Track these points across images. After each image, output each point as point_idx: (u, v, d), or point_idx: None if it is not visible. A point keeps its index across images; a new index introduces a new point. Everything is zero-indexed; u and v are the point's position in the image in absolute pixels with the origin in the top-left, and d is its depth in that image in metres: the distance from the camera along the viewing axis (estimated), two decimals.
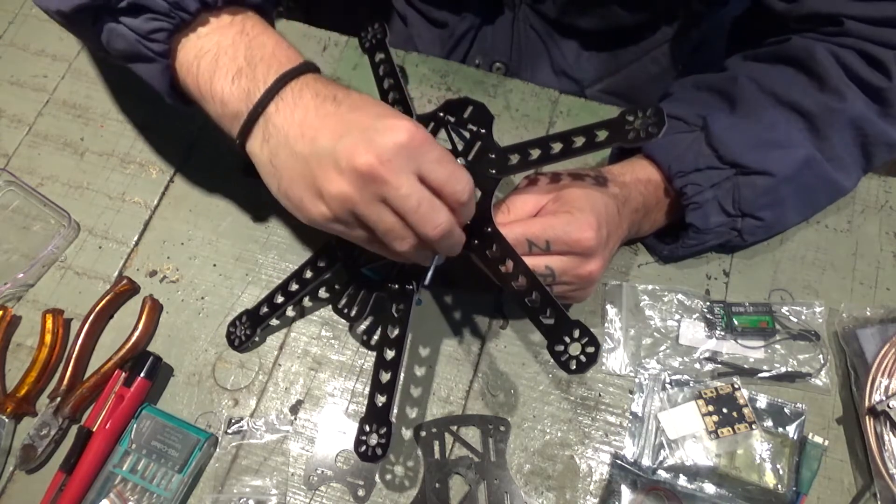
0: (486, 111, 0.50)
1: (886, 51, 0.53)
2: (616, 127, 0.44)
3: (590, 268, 0.49)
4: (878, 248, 0.62)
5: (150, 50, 0.46)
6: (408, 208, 0.40)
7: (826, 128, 0.54)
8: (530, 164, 0.47)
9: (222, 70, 0.45)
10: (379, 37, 0.57)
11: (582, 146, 0.45)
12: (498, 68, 0.77)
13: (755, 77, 0.56)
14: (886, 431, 0.52)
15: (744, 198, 0.54)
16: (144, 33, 0.45)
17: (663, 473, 0.53)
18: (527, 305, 0.44)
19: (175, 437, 0.53)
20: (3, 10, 0.73)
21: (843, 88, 0.53)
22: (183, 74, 0.47)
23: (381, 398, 0.46)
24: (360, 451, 0.45)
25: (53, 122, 0.67)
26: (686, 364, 0.57)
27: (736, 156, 0.53)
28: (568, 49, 0.76)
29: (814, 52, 0.54)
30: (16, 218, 0.63)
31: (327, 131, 0.41)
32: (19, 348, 0.58)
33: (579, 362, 0.40)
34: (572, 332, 0.41)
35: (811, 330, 0.57)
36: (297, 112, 0.43)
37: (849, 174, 0.57)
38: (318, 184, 0.41)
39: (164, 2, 0.44)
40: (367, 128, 0.40)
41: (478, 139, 0.49)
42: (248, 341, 0.57)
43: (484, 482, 0.53)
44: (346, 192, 0.40)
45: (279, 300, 0.55)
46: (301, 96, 0.43)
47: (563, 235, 0.47)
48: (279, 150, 0.43)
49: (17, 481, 0.54)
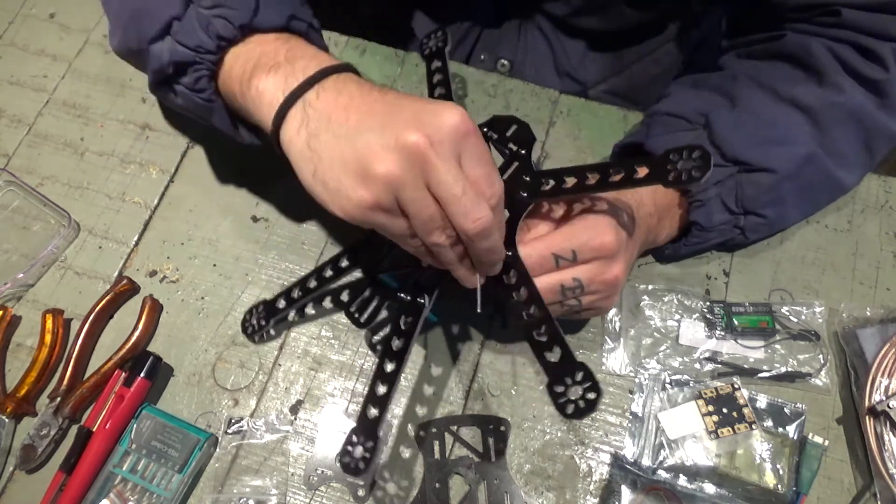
0: (529, 132, 0.50)
1: (882, 43, 0.53)
2: (658, 166, 0.42)
3: (615, 271, 0.48)
4: (878, 248, 0.62)
5: (203, 99, 0.49)
6: (451, 195, 0.38)
7: (827, 122, 0.54)
8: (564, 191, 0.45)
9: (261, 67, 0.45)
10: (440, 45, 0.57)
11: (619, 181, 0.43)
12: (503, 65, 0.77)
13: (754, 74, 0.56)
14: (886, 431, 0.52)
15: (747, 195, 0.54)
16: (191, 86, 0.48)
17: (663, 473, 0.53)
18: (533, 338, 0.42)
19: (175, 437, 0.53)
20: (3, 10, 0.73)
21: (842, 82, 0.54)
22: (230, 89, 0.48)
23: (374, 410, 0.44)
24: (343, 462, 0.43)
25: (53, 122, 0.67)
26: (686, 364, 0.57)
27: (739, 153, 0.53)
28: (573, 50, 0.76)
29: (810, 47, 0.55)
30: (16, 218, 0.63)
31: (376, 114, 0.40)
32: (19, 348, 0.59)
33: (577, 407, 0.38)
34: (575, 374, 0.39)
35: (811, 330, 0.57)
36: (341, 97, 0.42)
37: (851, 171, 0.57)
38: (364, 164, 0.38)
39: (189, 50, 0.46)
40: (419, 109, 0.39)
41: (516, 159, 0.49)
42: (262, 331, 0.57)
43: (484, 482, 0.53)
44: (393, 173, 0.37)
45: (296, 294, 0.55)
46: (345, 85, 0.42)
47: (589, 241, 0.46)
48: (320, 132, 0.41)
49: (17, 481, 0.54)
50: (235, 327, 0.59)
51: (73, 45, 0.71)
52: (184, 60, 0.47)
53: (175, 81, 0.49)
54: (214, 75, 0.48)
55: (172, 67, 0.48)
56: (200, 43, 0.46)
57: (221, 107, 0.50)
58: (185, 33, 0.46)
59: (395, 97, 0.41)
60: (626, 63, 0.77)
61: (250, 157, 0.65)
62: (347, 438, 0.44)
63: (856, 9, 0.54)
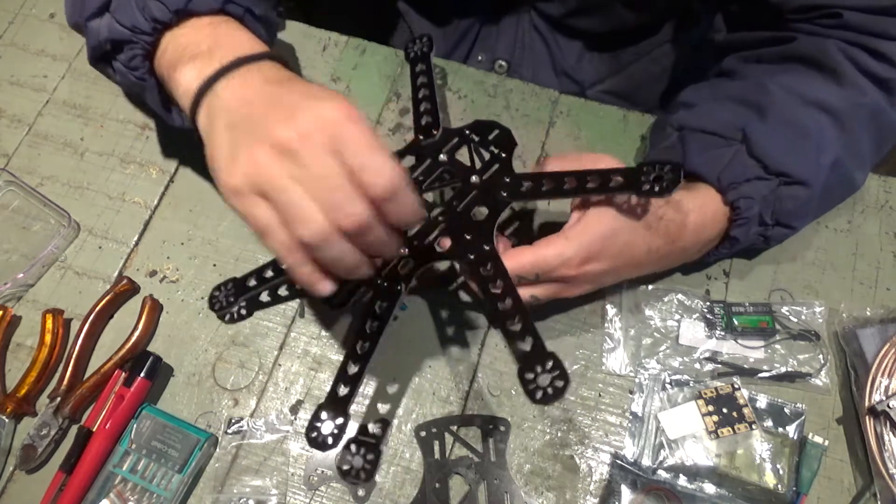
0: (511, 137, 0.53)
1: (888, 42, 0.53)
2: (632, 176, 0.46)
3: (573, 292, 0.51)
4: (878, 248, 0.62)
5: (136, 77, 0.50)
6: (320, 191, 0.37)
7: (852, 124, 0.53)
8: (541, 194, 0.49)
9: (186, 56, 0.46)
10: (425, 50, 0.61)
11: (596, 188, 0.47)
12: (500, 66, 0.77)
13: (777, 80, 0.55)
14: (886, 431, 0.52)
15: (784, 209, 0.53)
16: (126, 63, 0.50)
17: (663, 473, 0.53)
18: (506, 328, 0.44)
19: (175, 437, 0.53)
20: (3, 10, 0.73)
21: (861, 82, 0.53)
22: (159, 72, 0.49)
23: (344, 389, 0.45)
24: (310, 437, 0.44)
25: (53, 122, 0.67)
26: (686, 364, 0.57)
27: (781, 165, 0.52)
28: (570, 50, 0.76)
29: (826, 49, 0.54)
30: (16, 218, 0.63)
31: (262, 106, 0.41)
32: (19, 348, 0.58)
33: (545, 393, 0.40)
34: (545, 362, 0.41)
35: (811, 330, 0.57)
36: (243, 90, 0.43)
37: (864, 170, 0.57)
38: (237, 150, 0.39)
39: (125, 29, 0.48)
40: (297, 104, 0.39)
41: (497, 161, 0.52)
42: (231, 309, 0.56)
43: (484, 482, 0.53)
44: (258, 162, 0.38)
45: (269, 275, 0.54)
46: (251, 77, 0.44)
47: (552, 271, 0.49)
48: (216, 119, 0.43)
49: (17, 481, 0.54)
50: (235, 327, 0.59)
51: (73, 45, 0.71)
52: (120, 39, 0.49)
53: (112, 58, 0.51)
54: (150, 55, 0.50)
55: (109, 44, 0.50)
56: (136, 23, 0.48)
57: (154, 86, 0.51)
58: (123, 12, 0.48)
59: (288, 90, 0.41)
60: (625, 63, 0.77)
61: None
62: (314, 414, 0.44)
63: (857, 11, 0.53)
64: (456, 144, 0.54)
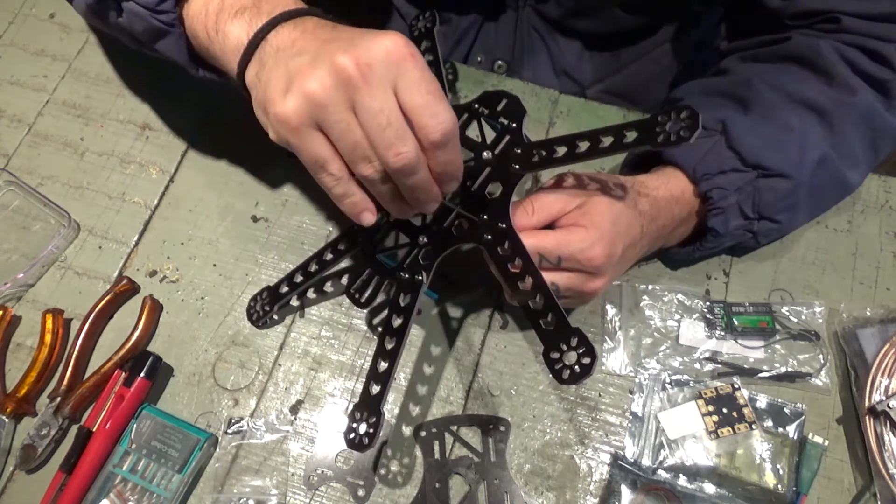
0: (520, 104, 0.50)
1: (886, 44, 0.53)
2: (647, 128, 0.42)
3: (594, 285, 0.48)
4: (878, 248, 0.62)
5: (161, 22, 0.46)
6: (374, 125, 0.36)
7: (839, 123, 0.54)
8: (555, 160, 0.46)
9: (228, 9, 0.44)
10: (428, 25, 0.58)
11: (609, 146, 0.44)
12: (500, 66, 0.77)
13: (764, 77, 0.56)
14: (886, 431, 0.52)
15: (764, 201, 0.53)
16: (153, 6, 0.46)
17: (663, 473, 0.53)
18: (528, 307, 0.43)
19: (175, 437, 0.53)
20: (3, 10, 0.73)
21: (853, 82, 0.53)
22: (193, 29, 0.47)
23: (376, 387, 0.45)
24: (348, 438, 0.44)
25: (53, 122, 0.67)
26: (686, 364, 0.57)
27: (759, 158, 0.52)
28: (569, 49, 0.76)
29: (819, 49, 0.54)
30: (16, 218, 0.63)
31: (317, 42, 0.40)
32: (19, 348, 0.58)
33: (573, 372, 0.39)
34: (570, 339, 0.40)
35: (811, 330, 0.57)
36: (294, 32, 0.42)
37: (858, 171, 0.57)
38: (290, 81, 0.38)
39: None
40: (357, 36, 0.38)
41: (507, 133, 0.49)
42: (266, 317, 0.57)
43: (484, 482, 0.53)
44: (315, 90, 0.37)
45: (298, 279, 0.55)
46: (304, 23, 0.42)
47: (577, 254, 0.46)
48: (267, 61, 0.41)
49: (17, 481, 0.54)
50: (235, 327, 0.59)
51: (73, 45, 0.71)
52: None
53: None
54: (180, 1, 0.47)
55: None
56: None
57: (181, 34, 0.48)
58: None
59: (344, 29, 0.41)
60: (624, 63, 0.77)
61: (250, 158, 0.65)
62: (350, 415, 0.45)
63: (856, 17, 0.54)
64: (466, 121, 0.52)
